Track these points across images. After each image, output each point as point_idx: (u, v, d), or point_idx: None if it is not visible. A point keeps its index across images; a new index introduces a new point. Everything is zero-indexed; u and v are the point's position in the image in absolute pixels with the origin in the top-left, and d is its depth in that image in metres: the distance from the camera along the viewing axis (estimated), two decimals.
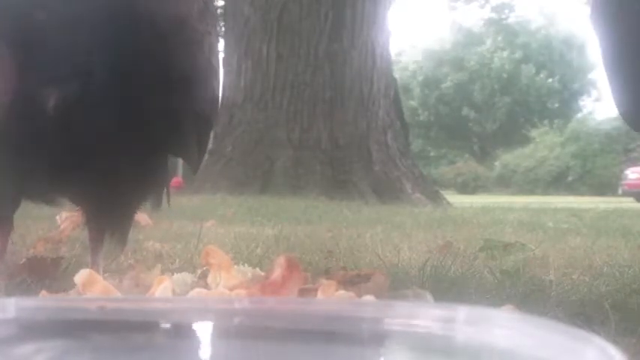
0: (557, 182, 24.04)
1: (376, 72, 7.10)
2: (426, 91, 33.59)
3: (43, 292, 0.91)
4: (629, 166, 17.85)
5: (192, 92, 0.96)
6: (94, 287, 0.80)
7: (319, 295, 0.78)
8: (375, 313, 0.57)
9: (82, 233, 1.50)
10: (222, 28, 8.22)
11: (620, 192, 17.13)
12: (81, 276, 0.81)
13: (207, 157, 7.18)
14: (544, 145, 26.06)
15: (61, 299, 0.73)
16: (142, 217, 2.13)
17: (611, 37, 1.11)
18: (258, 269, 0.99)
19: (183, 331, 0.59)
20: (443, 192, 7.98)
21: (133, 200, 1.06)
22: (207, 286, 0.88)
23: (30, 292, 1.14)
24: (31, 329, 0.56)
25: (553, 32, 33.46)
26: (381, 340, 0.56)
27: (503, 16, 33.46)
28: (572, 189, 22.73)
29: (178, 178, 8.05)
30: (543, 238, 2.42)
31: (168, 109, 0.92)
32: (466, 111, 32.98)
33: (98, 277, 0.84)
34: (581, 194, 20.55)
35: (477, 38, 33.75)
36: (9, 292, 1.07)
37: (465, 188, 24.69)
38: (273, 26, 6.99)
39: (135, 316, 0.58)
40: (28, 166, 0.92)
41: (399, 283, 1.21)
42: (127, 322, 0.57)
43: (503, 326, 0.51)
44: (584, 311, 1.06)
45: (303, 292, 0.79)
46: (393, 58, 9.92)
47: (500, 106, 32.52)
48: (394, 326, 0.56)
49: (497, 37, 33.00)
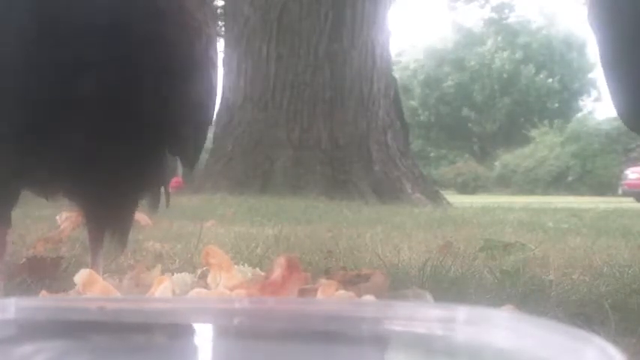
0: (557, 182, 24.03)
1: (376, 72, 7.10)
2: (426, 91, 33.59)
3: (43, 292, 0.91)
4: (629, 166, 17.85)
5: (189, 80, 0.95)
6: (94, 287, 0.80)
7: (319, 295, 0.78)
8: (375, 313, 0.57)
9: (82, 233, 1.50)
10: (222, 28, 8.22)
11: (620, 192, 17.13)
12: (81, 276, 0.81)
13: (208, 157, 7.19)
14: (544, 145, 26.05)
15: (61, 299, 0.73)
16: (142, 217, 2.12)
17: (608, 38, 1.11)
18: (258, 269, 1.00)
19: (183, 331, 0.59)
20: (443, 192, 7.98)
21: (132, 199, 1.06)
22: (207, 286, 0.88)
23: (30, 292, 1.14)
24: (30, 329, 0.56)
25: (553, 32, 33.47)
26: (381, 340, 0.56)
27: (504, 16, 33.47)
28: (572, 189, 22.72)
29: (178, 178, 8.05)
30: (543, 238, 2.42)
31: (166, 98, 0.92)
32: (466, 111, 32.98)
33: (98, 277, 0.84)
34: (581, 194, 20.55)
35: (478, 38, 33.75)
36: (9, 292, 1.07)
37: (465, 188, 24.69)
38: (273, 26, 6.98)
39: (135, 316, 0.58)
40: (26, 162, 0.92)
41: (399, 283, 1.21)
42: (127, 322, 0.57)
43: (503, 326, 0.51)
44: (584, 311, 1.06)
45: (303, 292, 0.79)
46: (393, 58, 9.92)
47: (500, 107, 32.52)
48: (394, 326, 0.56)
49: (498, 38, 33.00)
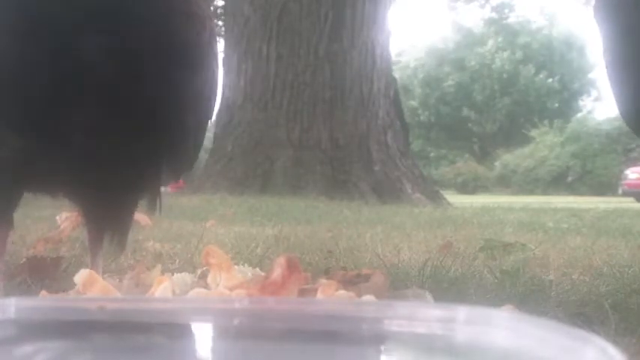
0: (557, 182, 24.03)
1: (376, 72, 7.10)
2: (427, 91, 33.59)
3: (43, 292, 0.91)
4: (629, 166, 17.86)
5: (194, 68, 0.94)
6: (94, 287, 0.80)
7: (319, 295, 0.78)
8: (375, 313, 0.58)
9: (82, 233, 1.50)
10: (222, 28, 8.22)
11: (620, 192, 17.13)
12: (81, 276, 0.81)
13: (208, 157, 7.19)
14: (544, 145, 26.04)
15: (61, 299, 0.73)
16: (142, 217, 2.12)
17: (614, 33, 1.10)
18: (258, 269, 1.00)
19: (183, 331, 0.59)
20: (443, 192, 7.98)
21: (131, 199, 1.05)
22: (207, 286, 0.88)
23: (30, 292, 1.14)
24: (30, 329, 0.56)
25: (553, 32, 33.48)
26: (381, 340, 0.56)
27: (503, 16, 33.47)
28: (572, 189, 22.72)
29: None
30: (543, 238, 2.42)
31: (171, 86, 0.91)
32: (466, 111, 32.98)
33: (98, 277, 0.84)
34: (581, 194, 20.55)
35: (478, 38, 33.75)
36: (9, 292, 1.07)
37: (465, 188, 24.69)
38: (273, 26, 6.99)
39: (135, 316, 0.58)
40: (28, 163, 0.92)
41: (399, 283, 1.21)
42: (127, 322, 0.57)
43: (503, 326, 0.51)
44: (584, 311, 1.06)
45: (303, 292, 0.79)
46: (393, 58, 9.92)
47: (500, 107, 32.53)
48: (394, 326, 0.56)
49: (498, 38, 33.01)
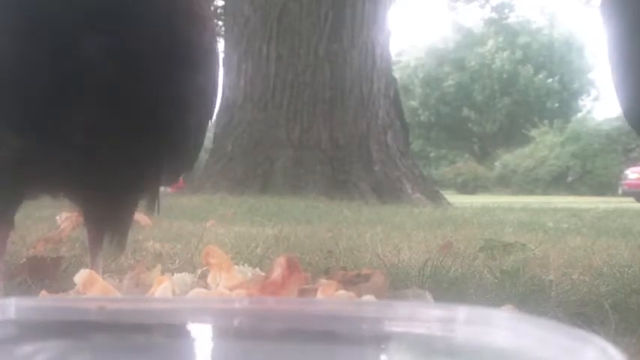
0: (557, 182, 24.03)
1: (376, 72, 7.10)
2: (427, 91, 33.60)
3: (43, 292, 0.91)
4: (629, 166, 17.86)
5: (196, 68, 0.94)
6: (94, 287, 0.80)
7: (319, 295, 0.78)
8: (375, 313, 0.58)
9: (82, 233, 1.50)
10: (222, 28, 8.22)
11: (620, 192, 17.13)
12: (81, 276, 0.81)
13: (208, 157, 7.19)
14: (544, 145, 26.04)
15: (61, 299, 0.73)
16: (142, 217, 2.12)
17: (620, 29, 1.10)
18: (258, 269, 1.00)
19: (184, 331, 0.59)
20: (443, 192, 7.98)
21: (131, 200, 1.05)
22: (207, 286, 0.88)
23: (30, 292, 1.14)
24: (31, 329, 0.56)
25: (553, 33, 33.47)
26: (381, 340, 0.56)
27: (503, 16, 33.47)
28: (572, 189, 22.72)
29: None
30: (543, 238, 2.42)
31: (173, 85, 0.91)
32: (466, 111, 32.98)
33: (98, 277, 0.84)
34: (581, 194, 20.54)
35: (478, 38, 33.75)
36: (9, 293, 1.07)
37: (465, 188, 24.69)
38: (273, 26, 6.98)
39: (135, 316, 0.58)
40: (29, 164, 0.91)
41: (399, 283, 1.21)
42: (127, 322, 0.57)
43: (503, 326, 0.51)
44: (584, 311, 1.06)
45: (303, 292, 0.79)
46: (393, 58, 9.92)
47: (500, 107, 32.53)
48: (394, 326, 0.56)
49: (499, 38, 33.00)
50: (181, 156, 1.03)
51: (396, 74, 9.87)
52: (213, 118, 1.21)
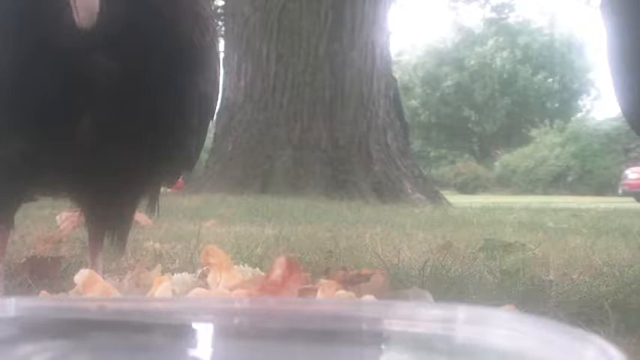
0: (557, 182, 24.03)
1: (376, 72, 7.10)
2: (427, 91, 33.59)
3: (43, 292, 0.91)
4: (629, 166, 17.86)
5: (198, 69, 0.95)
6: (94, 287, 0.80)
7: (319, 295, 0.78)
8: (375, 313, 0.57)
9: (82, 233, 1.50)
10: (222, 28, 8.22)
11: (620, 192, 17.13)
12: (81, 276, 0.81)
13: (208, 157, 7.19)
14: (544, 145, 26.05)
15: (61, 299, 0.73)
16: (142, 217, 2.12)
17: (620, 28, 1.10)
18: (258, 269, 1.00)
19: (183, 331, 0.59)
20: (443, 192, 7.98)
21: (132, 200, 1.05)
22: (207, 286, 0.88)
23: (30, 292, 1.14)
24: (31, 329, 0.56)
25: (554, 33, 33.47)
26: (381, 340, 0.56)
27: (503, 16, 33.47)
28: (572, 189, 22.72)
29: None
30: (543, 238, 2.42)
31: (176, 87, 0.91)
32: (466, 111, 32.97)
33: (98, 277, 0.84)
34: (581, 194, 20.54)
35: (478, 38, 33.75)
36: (9, 292, 1.07)
37: (465, 188, 24.69)
38: (273, 26, 6.99)
39: (135, 316, 0.58)
40: (31, 165, 0.92)
41: (399, 283, 1.21)
42: (127, 322, 0.57)
43: (503, 326, 0.51)
44: (584, 311, 1.06)
45: (303, 292, 0.79)
46: (393, 58, 9.93)
47: (500, 107, 32.52)
48: (394, 326, 0.56)
49: (499, 38, 33.00)
50: (182, 157, 1.03)
51: (396, 74, 9.87)
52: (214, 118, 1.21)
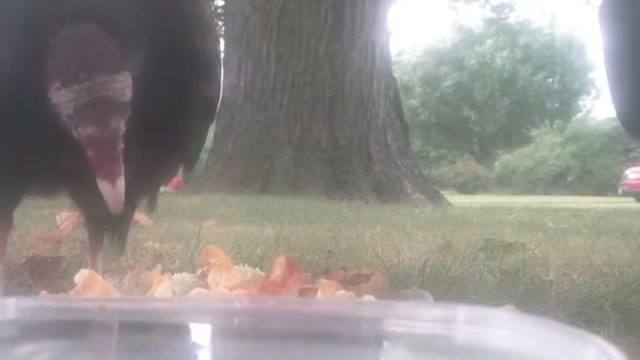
0: (557, 182, 24.03)
1: (376, 72, 7.10)
2: (427, 91, 33.58)
3: (43, 292, 0.91)
4: (629, 166, 17.85)
5: (201, 74, 0.95)
6: (94, 287, 0.80)
7: (319, 295, 0.78)
8: (375, 313, 0.57)
9: (82, 233, 1.50)
10: (222, 28, 8.23)
11: (620, 192, 17.13)
12: (81, 276, 0.81)
13: (208, 157, 7.19)
14: (544, 145, 26.05)
15: (61, 299, 0.73)
16: (142, 217, 2.12)
17: (617, 37, 1.11)
18: (258, 269, 1.00)
19: (183, 331, 0.59)
20: (443, 192, 7.98)
21: (132, 200, 1.05)
22: (207, 286, 0.88)
23: (30, 292, 1.14)
24: (31, 329, 0.56)
25: (554, 32, 33.46)
26: (381, 340, 0.56)
27: (503, 16, 33.47)
28: (572, 189, 22.72)
29: (178, 178, 8.04)
30: (543, 238, 2.42)
31: (180, 92, 0.92)
32: (466, 111, 32.97)
33: (98, 277, 0.84)
34: (581, 194, 20.54)
35: (478, 38, 33.75)
36: (9, 292, 1.07)
37: (465, 188, 24.69)
38: (273, 26, 6.99)
39: (135, 316, 0.58)
40: (30, 164, 0.91)
41: (399, 283, 1.21)
42: (127, 322, 0.57)
43: (503, 326, 0.51)
44: (584, 311, 1.06)
45: (303, 292, 0.79)
46: (393, 58, 9.93)
47: (500, 107, 32.53)
48: (394, 326, 0.56)
49: (499, 38, 33.00)
50: (183, 157, 1.04)
51: (396, 74, 9.87)
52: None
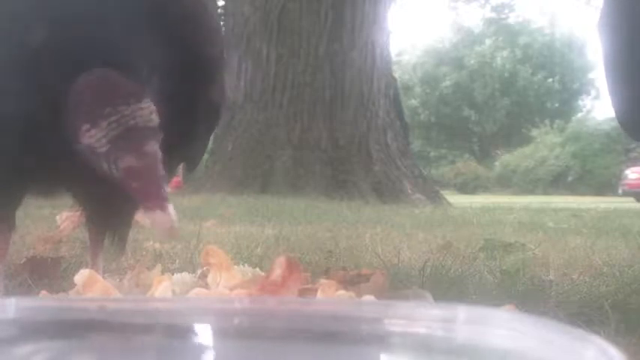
0: (557, 182, 24.03)
1: (376, 72, 7.10)
2: (427, 90, 33.58)
3: (43, 292, 0.91)
4: (629, 166, 17.85)
5: (208, 80, 0.96)
6: (94, 287, 0.80)
7: (319, 295, 0.78)
8: (375, 313, 0.58)
9: (82, 233, 1.50)
10: (223, 28, 8.22)
11: (620, 192, 17.13)
12: (81, 276, 0.81)
13: (208, 157, 7.18)
14: (544, 145, 26.05)
15: (61, 299, 0.73)
16: (142, 217, 2.12)
17: (617, 45, 1.11)
18: (258, 269, 1.00)
19: (184, 331, 0.59)
20: (443, 192, 7.98)
21: (133, 201, 1.05)
22: (207, 286, 0.88)
23: (30, 292, 1.14)
24: (31, 329, 0.56)
25: (554, 32, 33.46)
26: (381, 340, 0.56)
27: (503, 16, 33.48)
28: (572, 189, 22.71)
29: (178, 178, 8.04)
30: (543, 238, 2.42)
31: (188, 99, 0.92)
32: (467, 111, 32.97)
33: (98, 277, 0.84)
34: (581, 194, 20.54)
35: (478, 38, 33.74)
36: (9, 292, 1.07)
37: (465, 188, 24.69)
38: (273, 26, 6.99)
39: (135, 316, 0.58)
40: (31, 165, 0.91)
41: (399, 283, 1.21)
42: (127, 322, 0.57)
43: (503, 326, 0.51)
44: (584, 311, 1.06)
45: (303, 292, 0.79)
46: (393, 58, 9.93)
47: (499, 107, 32.52)
48: (394, 326, 0.56)
49: (498, 38, 33.00)
50: (185, 160, 1.05)
51: (396, 74, 9.87)
52: None
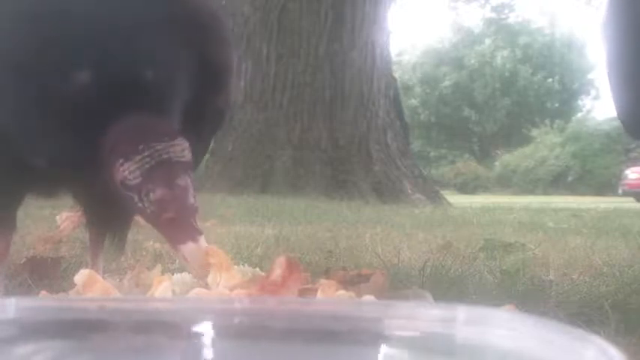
0: (557, 182, 24.03)
1: (376, 72, 7.10)
2: (427, 90, 33.57)
3: (43, 292, 0.91)
4: (629, 166, 17.84)
5: (216, 87, 0.98)
6: (94, 287, 0.80)
7: (319, 295, 0.78)
8: (375, 313, 0.58)
9: (82, 233, 1.50)
10: None
11: (620, 192, 17.13)
12: (81, 276, 0.81)
13: (207, 157, 7.18)
14: (544, 145, 26.05)
15: (61, 299, 0.73)
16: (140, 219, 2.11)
17: (619, 46, 1.12)
18: (258, 269, 0.99)
19: (184, 331, 0.59)
20: (443, 192, 7.98)
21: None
22: (207, 286, 0.87)
23: (30, 292, 1.14)
24: (31, 329, 0.56)
25: (554, 32, 33.46)
26: (381, 340, 0.56)
27: (503, 16, 33.48)
28: (572, 189, 22.71)
29: None
30: (543, 238, 2.42)
31: (196, 105, 0.93)
32: (467, 111, 32.96)
33: (98, 277, 0.84)
34: (581, 194, 20.53)
35: (477, 38, 33.74)
36: (9, 292, 1.07)
37: (465, 188, 24.68)
38: (273, 26, 6.99)
39: (135, 316, 0.58)
40: (31, 165, 0.91)
41: (399, 283, 1.21)
42: (127, 322, 0.57)
43: (502, 326, 0.51)
44: (584, 311, 1.06)
45: (303, 292, 0.79)
46: (393, 58, 9.93)
47: (499, 107, 32.52)
48: (394, 326, 0.56)
49: (499, 38, 32.99)
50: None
51: (396, 74, 9.87)
52: None
